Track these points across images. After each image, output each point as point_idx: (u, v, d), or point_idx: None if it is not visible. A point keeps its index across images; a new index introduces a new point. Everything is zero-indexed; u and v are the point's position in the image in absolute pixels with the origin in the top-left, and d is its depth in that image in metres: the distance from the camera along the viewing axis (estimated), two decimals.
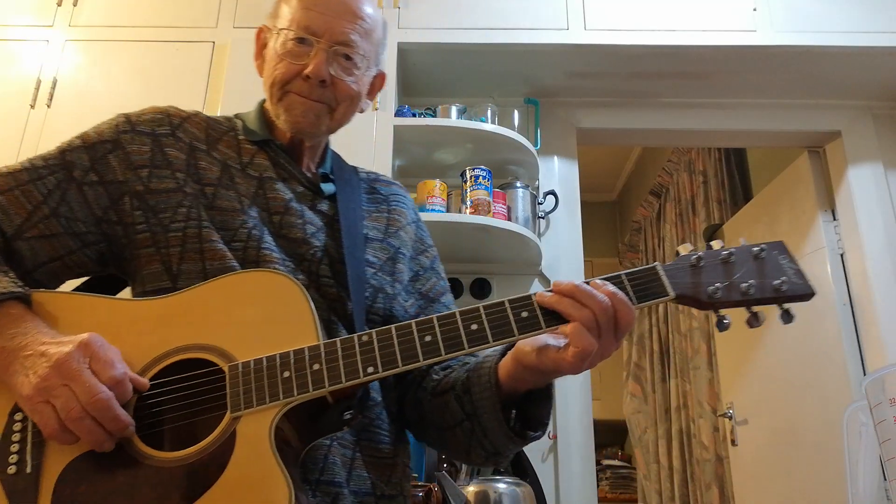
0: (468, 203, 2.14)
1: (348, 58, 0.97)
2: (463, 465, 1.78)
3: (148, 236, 0.89)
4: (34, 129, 2.14)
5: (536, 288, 2.36)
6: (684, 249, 0.83)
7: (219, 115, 1.05)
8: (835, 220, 2.57)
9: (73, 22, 2.32)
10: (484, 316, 0.77)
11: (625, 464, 4.73)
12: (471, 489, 1.72)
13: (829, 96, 2.58)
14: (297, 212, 0.94)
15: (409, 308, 1.00)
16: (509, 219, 2.21)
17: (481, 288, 2.34)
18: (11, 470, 0.72)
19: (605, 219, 5.24)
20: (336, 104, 0.98)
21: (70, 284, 0.96)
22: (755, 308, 0.78)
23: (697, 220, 3.67)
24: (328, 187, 1.02)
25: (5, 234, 0.87)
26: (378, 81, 1.07)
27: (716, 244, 0.83)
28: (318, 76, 0.94)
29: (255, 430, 0.72)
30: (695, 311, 3.64)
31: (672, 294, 0.79)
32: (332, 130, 1.02)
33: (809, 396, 2.59)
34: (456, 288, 2.27)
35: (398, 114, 2.21)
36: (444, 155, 2.35)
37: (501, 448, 0.87)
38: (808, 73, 2.43)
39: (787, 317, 0.78)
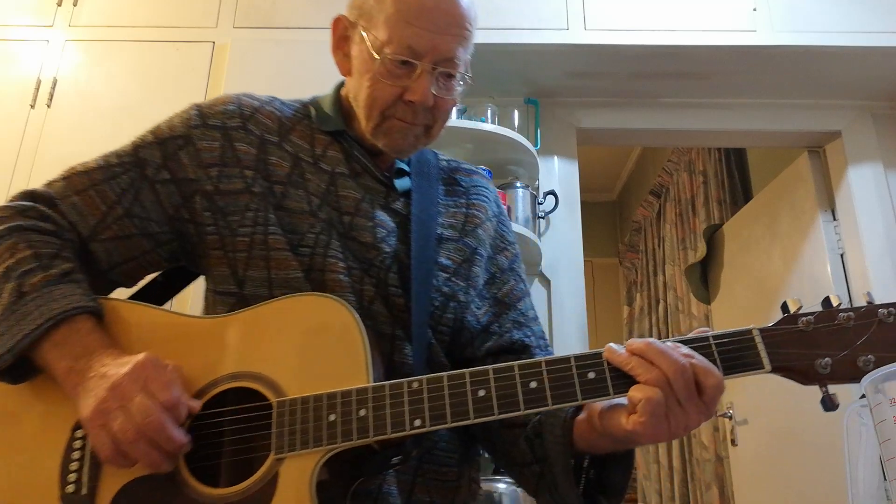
0: None
1: (450, 75, 0.90)
2: None
3: (216, 239, 0.87)
4: (34, 129, 2.14)
5: (536, 287, 2.36)
6: (792, 304, 0.71)
7: (295, 100, 1.01)
8: (835, 220, 2.57)
9: (73, 22, 2.32)
10: (545, 373, 0.72)
11: None
12: None
13: (829, 96, 2.58)
14: (369, 213, 0.90)
15: (481, 317, 0.94)
16: (509, 219, 2.20)
17: None
18: (70, 489, 0.74)
19: (605, 219, 5.23)
20: (434, 122, 0.92)
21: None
22: None
23: (697, 220, 3.67)
24: (403, 183, 0.96)
25: (81, 236, 0.87)
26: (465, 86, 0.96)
27: (834, 299, 0.70)
28: (425, 104, 0.88)
29: (298, 475, 0.71)
30: (695, 310, 3.64)
31: (768, 367, 0.69)
32: (427, 146, 0.97)
33: (809, 396, 2.58)
34: None
35: None
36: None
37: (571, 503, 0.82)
38: (808, 73, 2.43)
39: None
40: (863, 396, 0.67)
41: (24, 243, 0.81)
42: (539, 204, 2.38)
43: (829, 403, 0.68)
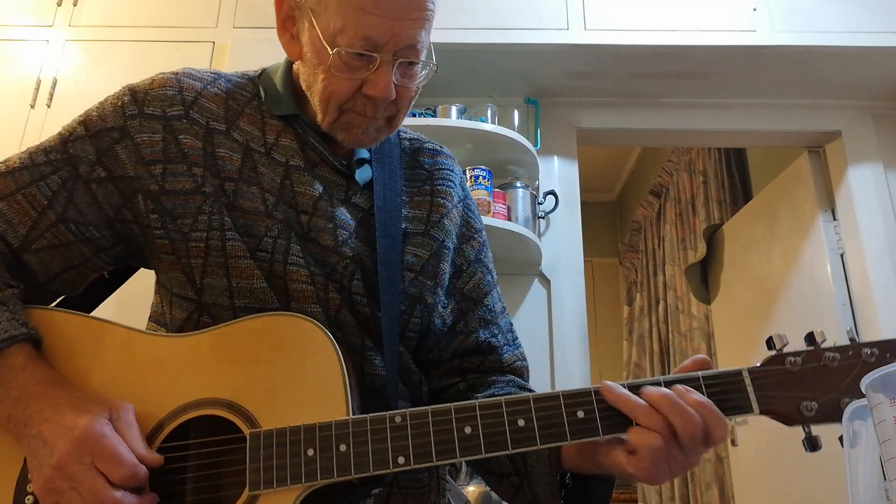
0: None
1: (412, 63, 0.82)
2: (463, 465, 1.78)
3: (167, 243, 0.79)
4: (34, 129, 2.14)
5: (536, 287, 2.36)
6: (778, 340, 0.70)
7: (241, 75, 0.92)
8: (835, 220, 2.57)
9: (73, 22, 2.32)
10: (534, 411, 0.69)
11: None
12: (471, 489, 1.72)
13: (829, 96, 2.58)
14: (328, 212, 0.82)
15: (447, 317, 0.88)
16: (509, 219, 2.21)
17: None
18: None
19: (605, 219, 5.24)
20: (396, 112, 0.84)
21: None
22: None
23: (697, 220, 3.67)
24: (364, 174, 0.88)
25: (11, 247, 0.78)
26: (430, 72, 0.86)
27: (818, 335, 0.70)
28: (386, 98, 0.80)
29: None
30: (695, 310, 3.64)
31: (757, 411, 0.68)
32: (389, 135, 0.89)
33: None
34: None
35: None
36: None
37: None
38: (808, 73, 2.43)
39: None
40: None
41: None
42: (539, 204, 2.38)
43: (812, 444, 0.69)
